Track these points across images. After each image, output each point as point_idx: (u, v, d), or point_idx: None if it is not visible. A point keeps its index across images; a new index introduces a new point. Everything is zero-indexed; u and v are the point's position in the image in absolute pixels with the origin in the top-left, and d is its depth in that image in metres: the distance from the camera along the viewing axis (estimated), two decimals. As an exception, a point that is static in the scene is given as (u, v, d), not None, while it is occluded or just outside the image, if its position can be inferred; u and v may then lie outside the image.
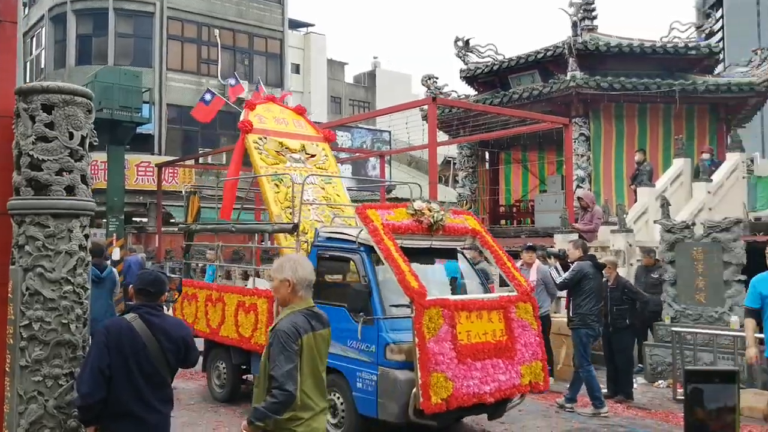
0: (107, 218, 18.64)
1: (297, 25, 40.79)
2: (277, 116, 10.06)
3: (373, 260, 6.63)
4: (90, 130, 4.05)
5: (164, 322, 3.87)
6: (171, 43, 26.31)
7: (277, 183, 8.82)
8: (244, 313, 7.84)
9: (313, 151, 9.76)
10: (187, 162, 24.41)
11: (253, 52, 28.86)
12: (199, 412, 8.05)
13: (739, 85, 16.34)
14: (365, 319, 6.33)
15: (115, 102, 17.77)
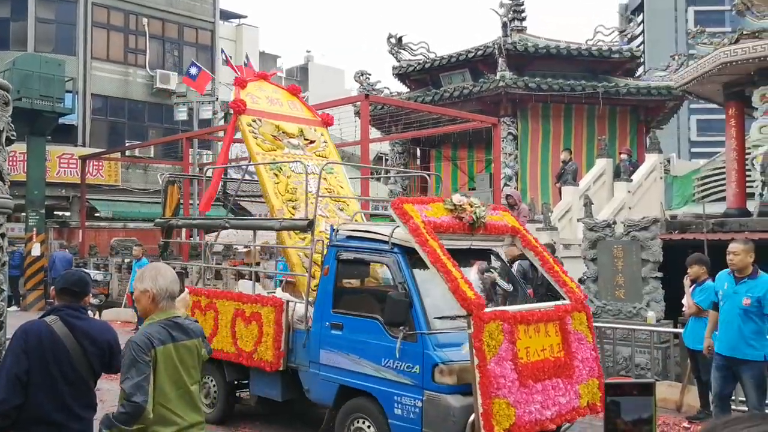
0: (27, 212, 17.95)
1: (229, 17, 40.08)
2: (271, 96, 8.98)
3: (410, 264, 5.74)
4: (6, 123, 3.91)
5: (88, 325, 3.72)
6: (96, 31, 25.39)
7: (276, 172, 7.84)
8: (244, 323, 6.83)
9: (312, 136, 8.82)
10: (113, 155, 23.73)
11: (183, 43, 28.22)
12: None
13: (657, 89, 17.08)
14: (406, 334, 5.45)
15: (36, 91, 17.10)
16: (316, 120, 9.12)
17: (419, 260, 5.56)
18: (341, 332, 6.07)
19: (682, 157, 48.50)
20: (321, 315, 6.27)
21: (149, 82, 26.50)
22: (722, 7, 51.55)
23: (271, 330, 6.54)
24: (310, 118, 9.09)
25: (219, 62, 30.20)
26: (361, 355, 5.85)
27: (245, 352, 6.80)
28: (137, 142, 24.46)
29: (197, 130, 22.07)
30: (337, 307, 6.19)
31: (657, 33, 57.23)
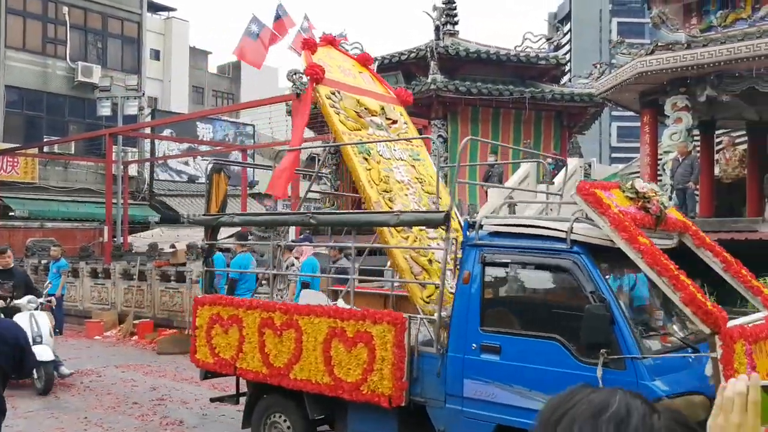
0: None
1: (157, 9, 38.97)
2: (342, 65, 7.60)
3: (600, 267, 4.66)
4: None
5: None
6: (11, 18, 24.15)
7: (366, 156, 6.52)
8: (345, 346, 5.35)
9: (393, 115, 7.51)
10: (29, 150, 22.66)
11: (107, 35, 27.22)
12: (38, 419, 7.49)
13: (580, 96, 17.69)
14: (608, 358, 4.32)
15: (-56, 81, 16.12)
16: (391, 96, 7.83)
17: (609, 262, 4.70)
18: (498, 357, 4.80)
19: (604, 161, 50.22)
20: (463, 335, 4.97)
21: (70, 74, 25.41)
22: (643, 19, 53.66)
23: (388, 354, 5.11)
24: (385, 94, 7.78)
25: (146, 56, 29.33)
26: (532, 386, 4.60)
27: (347, 383, 5.31)
28: (56, 137, 23.39)
29: (122, 126, 21.29)
30: (487, 325, 4.94)
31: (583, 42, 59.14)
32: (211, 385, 9.12)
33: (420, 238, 6.16)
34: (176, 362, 10.71)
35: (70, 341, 13.02)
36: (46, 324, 8.98)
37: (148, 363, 10.68)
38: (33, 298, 9.11)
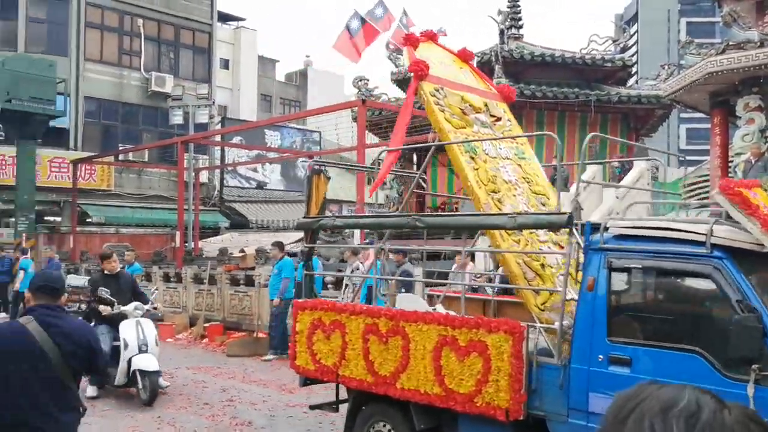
0: (16, 217, 17.76)
1: (227, 19, 39.98)
2: (443, 61, 7.34)
3: (746, 274, 4.27)
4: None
5: (65, 324, 3.63)
6: (89, 32, 25.19)
7: (473, 155, 6.25)
8: (457, 355, 5.07)
9: (496, 112, 7.21)
10: (105, 159, 23.56)
11: (180, 45, 28.08)
12: (114, 419, 7.74)
13: (647, 97, 17.34)
14: (761, 376, 3.95)
15: (26, 92, 16.96)
16: (493, 93, 7.50)
17: (756, 269, 4.31)
18: (628, 370, 4.49)
19: (672, 164, 48.71)
20: (588, 345, 4.69)
21: (144, 84, 26.34)
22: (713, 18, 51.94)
23: (505, 365, 4.83)
24: (487, 91, 7.45)
25: (216, 65, 30.13)
26: None
27: (459, 395, 5.03)
28: (131, 145, 24.26)
29: (193, 134, 21.93)
30: (615, 335, 4.64)
31: (650, 43, 57.68)
32: (279, 387, 9.29)
33: (531, 241, 5.85)
34: (245, 364, 10.92)
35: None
36: (152, 332, 8.59)
37: (217, 365, 10.92)
38: (140, 305, 8.67)
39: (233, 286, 13.90)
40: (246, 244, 18.42)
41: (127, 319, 8.47)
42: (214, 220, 27.61)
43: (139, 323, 8.48)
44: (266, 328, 12.03)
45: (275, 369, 10.63)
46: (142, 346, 8.26)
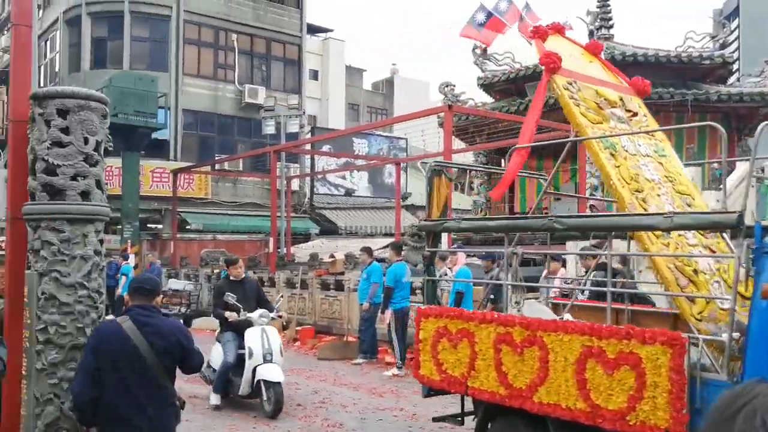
0: (122, 224, 18.79)
1: (315, 31, 40.90)
2: (572, 54, 6.99)
3: None
4: (105, 135, 4.08)
5: (157, 323, 3.87)
6: (187, 48, 26.36)
7: (613, 152, 5.93)
8: (605, 368, 4.62)
9: (632, 107, 6.81)
10: (202, 168, 24.58)
11: (271, 58, 28.94)
12: (213, 417, 8.06)
13: (750, 95, 16.48)
14: None
15: (131, 107, 17.96)
16: (626, 86, 7.12)
17: None
18: None
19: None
20: (764, 361, 4.16)
21: (238, 96, 27.33)
22: (824, 10, 48.81)
23: (662, 381, 4.35)
24: (620, 84, 7.09)
25: (306, 76, 30.88)
26: None
27: (608, 411, 4.60)
28: (226, 155, 25.20)
29: (285, 143, 22.58)
30: None
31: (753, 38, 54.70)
32: (369, 390, 9.45)
33: (681, 244, 5.44)
34: (335, 367, 11.16)
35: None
36: (277, 341, 8.22)
37: (309, 368, 11.20)
38: (265, 312, 8.37)
39: (324, 290, 14.23)
40: (335, 250, 18.78)
41: (252, 327, 8.17)
42: (304, 226, 28.27)
43: (264, 331, 8.15)
44: (356, 332, 12.25)
45: (365, 373, 10.82)
46: (266, 355, 7.95)
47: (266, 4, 28.57)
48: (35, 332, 3.81)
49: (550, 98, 17.13)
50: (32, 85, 4.29)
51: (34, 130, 3.94)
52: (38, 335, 3.81)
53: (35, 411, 3.79)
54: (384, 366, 11.19)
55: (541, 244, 16.53)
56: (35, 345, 3.81)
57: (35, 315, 3.82)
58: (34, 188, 3.89)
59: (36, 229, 3.87)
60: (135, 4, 25.40)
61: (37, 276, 3.83)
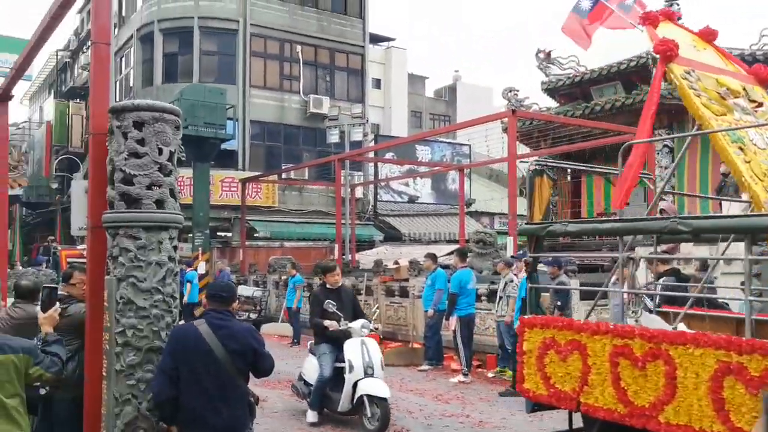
0: (193, 233, 19.33)
1: (378, 40, 41.21)
2: (685, 41, 6.45)
3: None
4: (178, 145, 4.24)
5: (231, 327, 4.07)
6: (254, 60, 27.00)
7: (741, 146, 5.49)
8: (747, 387, 4.04)
9: (756, 97, 6.33)
10: (270, 177, 25.07)
11: (335, 68, 29.32)
12: (282, 420, 8.17)
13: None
14: None
15: (201, 119, 18.48)
16: (746, 75, 6.60)
17: None
18: None
19: None
20: None
21: (303, 107, 27.79)
22: None
23: None
24: (738, 72, 6.58)
25: (369, 85, 31.16)
26: None
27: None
28: (292, 164, 25.65)
29: (348, 152, 22.82)
30: None
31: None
32: (434, 397, 9.45)
33: None
34: (401, 373, 11.19)
35: (306, 351, 14.12)
36: (378, 353, 7.65)
37: (375, 373, 11.26)
38: (366, 323, 7.84)
39: (388, 296, 14.30)
40: (399, 257, 18.85)
41: (352, 339, 7.60)
42: (368, 233, 28.47)
43: (364, 343, 7.59)
44: (421, 338, 12.26)
45: (430, 379, 10.81)
46: (368, 368, 7.38)
47: (330, 15, 28.98)
48: (114, 335, 3.99)
49: (608, 101, 16.88)
50: (109, 100, 4.49)
51: (112, 142, 4.12)
52: (117, 338, 3.98)
53: (115, 410, 3.96)
54: (450, 373, 11.16)
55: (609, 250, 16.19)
56: (114, 347, 3.98)
57: (114, 318, 4.00)
58: (113, 197, 4.08)
59: (114, 236, 4.05)
60: (204, 20, 26.20)
61: (115, 281, 4.01)
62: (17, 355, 3.60)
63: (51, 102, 41.38)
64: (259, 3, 27.15)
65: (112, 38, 26.78)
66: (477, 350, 11.41)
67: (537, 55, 20.16)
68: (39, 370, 3.71)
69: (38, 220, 38.06)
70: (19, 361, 3.60)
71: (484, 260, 14.12)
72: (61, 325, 4.81)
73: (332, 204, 24.83)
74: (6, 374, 3.56)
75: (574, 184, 20.35)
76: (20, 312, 5.26)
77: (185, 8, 26.17)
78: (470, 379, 10.50)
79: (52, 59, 41.83)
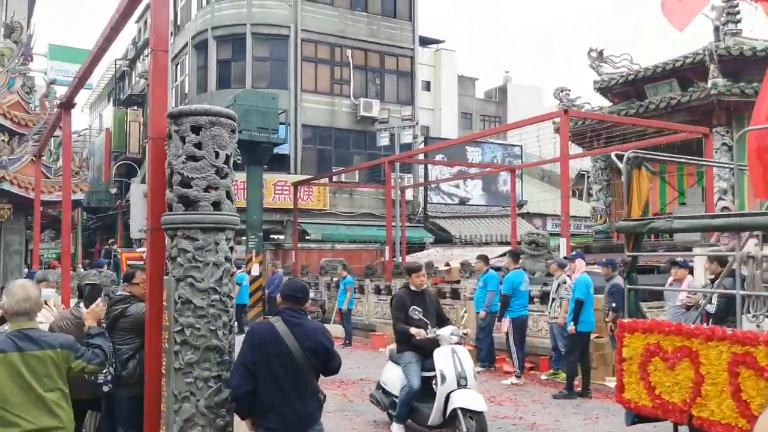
0: (247, 235, 19.65)
1: (427, 42, 41.18)
2: None
3: None
4: (234, 149, 4.35)
5: (305, 326, 4.28)
6: (305, 65, 27.28)
7: None
8: None
9: None
10: (321, 180, 25.31)
11: (385, 71, 29.42)
12: (335, 420, 8.22)
13: None
14: None
15: (254, 124, 18.77)
16: None
17: None
18: None
19: None
20: None
21: (353, 110, 27.96)
22: None
23: None
24: None
25: (418, 87, 31.16)
26: None
27: None
28: (343, 167, 25.83)
29: (399, 154, 22.87)
30: None
31: None
32: (488, 399, 9.36)
33: None
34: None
35: (359, 352, 14.23)
36: (470, 362, 7.00)
37: (427, 375, 11.26)
38: (456, 330, 7.23)
39: (440, 298, 14.25)
40: (450, 258, 18.80)
41: (441, 347, 7.00)
42: (419, 235, 28.46)
43: (455, 352, 6.95)
44: (473, 340, 12.21)
45: (483, 381, 10.72)
46: (461, 379, 6.75)
47: (380, 19, 29.09)
48: (173, 334, 4.09)
49: (663, 99, 16.49)
50: (167, 106, 4.62)
51: (170, 146, 4.25)
52: (176, 336, 4.09)
53: (174, 407, 4.06)
54: (502, 374, 11.09)
55: (665, 250, 15.85)
56: (173, 346, 4.09)
57: (173, 318, 4.10)
58: (171, 200, 4.20)
59: (173, 237, 4.17)
60: (256, 26, 26.62)
61: (174, 281, 4.12)
62: (54, 351, 3.73)
63: (110, 110, 42.66)
64: (310, 8, 27.43)
65: (169, 46, 27.48)
66: (530, 352, 11.30)
67: (589, 54, 19.87)
68: (81, 363, 3.85)
69: (98, 224, 39.25)
70: (56, 356, 3.73)
71: (537, 262, 13.97)
72: (121, 325, 5.00)
73: (382, 206, 24.91)
74: (44, 369, 3.68)
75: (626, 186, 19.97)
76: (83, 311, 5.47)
77: (238, 15, 26.66)
78: (523, 381, 10.42)
79: (111, 68, 43.12)
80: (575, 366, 9.56)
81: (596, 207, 20.05)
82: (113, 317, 5.00)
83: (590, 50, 19.83)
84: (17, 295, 3.75)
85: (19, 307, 3.73)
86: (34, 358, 3.66)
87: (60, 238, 36.58)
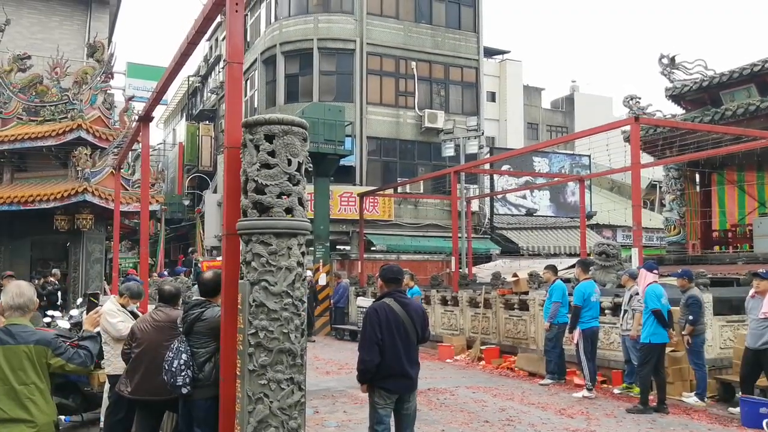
0: (314, 246, 19.92)
1: (492, 53, 41.00)
2: None
3: None
4: (305, 156, 4.44)
5: (411, 303, 5.51)
6: (370, 78, 27.55)
7: None
8: None
9: None
10: (386, 191, 25.45)
11: (449, 82, 29.41)
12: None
13: None
14: None
15: (321, 136, 19.09)
16: None
17: None
18: None
19: None
20: None
21: (418, 122, 28.04)
22: None
23: None
24: None
25: (483, 98, 31.01)
26: None
27: None
28: (407, 179, 25.91)
29: (464, 164, 22.78)
30: None
31: None
32: (557, 411, 9.22)
33: None
34: (522, 387, 11.02)
35: (426, 362, 14.16)
36: None
37: (495, 386, 11.15)
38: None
39: (507, 309, 14.10)
40: (518, 269, 18.59)
41: None
42: (485, 247, 28.22)
43: None
44: (542, 352, 12.02)
45: (552, 393, 10.56)
46: None
47: (444, 31, 29.12)
48: (248, 336, 4.18)
49: (740, 106, 15.88)
50: (242, 116, 4.76)
51: (245, 154, 4.37)
52: (250, 339, 4.17)
53: (248, 408, 4.15)
54: (572, 387, 10.86)
55: (745, 262, 15.26)
56: (248, 348, 4.18)
57: (247, 320, 4.20)
58: (246, 206, 4.31)
59: (248, 242, 4.27)
60: (322, 41, 27.09)
61: (248, 285, 4.22)
62: (28, 346, 3.90)
63: (183, 124, 44.06)
64: (375, 23, 27.72)
65: (238, 62, 28.21)
66: (601, 365, 11.04)
67: (660, 60, 19.39)
68: (60, 360, 4.00)
69: (172, 235, 40.50)
70: (30, 351, 3.90)
71: (608, 273, 13.64)
72: (198, 329, 5.14)
73: (447, 217, 24.82)
74: (18, 362, 3.87)
75: (704, 193, 19.35)
76: (161, 315, 5.66)
77: (305, 31, 27.18)
78: (594, 394, 10.17)
79: (184, 84, 44.56)
80: (648, 379, 9.28)
81: (669, 217, 19.48)
82: (190, 321, 5.14)
83: (661, 56, 19.35)
84: (11, 292, 4.04)
85: (13, 302, 4.00)
86: (9, 350, 3.87)
87: (135, 248, 37.73)
